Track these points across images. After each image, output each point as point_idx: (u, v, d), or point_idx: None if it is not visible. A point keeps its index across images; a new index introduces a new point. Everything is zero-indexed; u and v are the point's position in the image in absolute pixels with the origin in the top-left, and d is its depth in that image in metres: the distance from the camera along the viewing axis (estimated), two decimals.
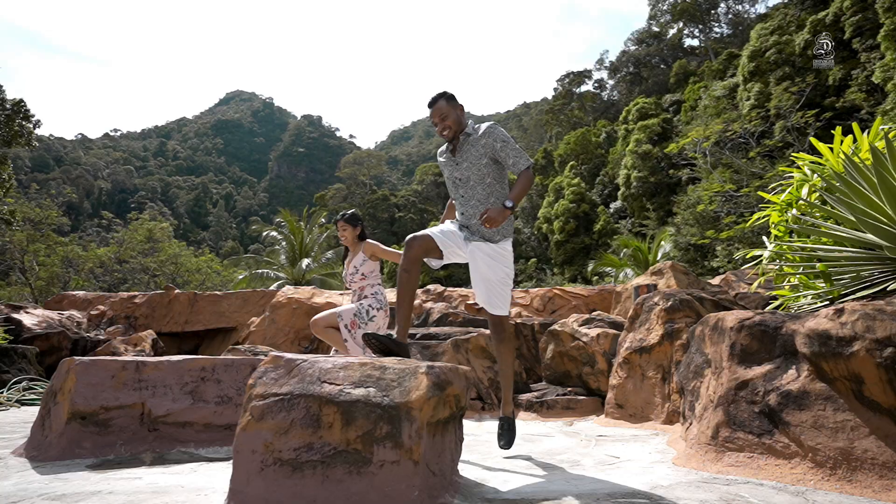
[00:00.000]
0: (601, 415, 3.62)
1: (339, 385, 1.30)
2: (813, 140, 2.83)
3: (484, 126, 2.23)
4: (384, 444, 1.21)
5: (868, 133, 2.64)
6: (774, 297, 2.82)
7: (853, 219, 2.11)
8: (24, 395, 4.74)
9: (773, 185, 2.96)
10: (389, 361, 1.40)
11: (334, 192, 61.14)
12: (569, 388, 4.05)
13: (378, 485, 1.19)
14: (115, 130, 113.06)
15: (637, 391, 3.29)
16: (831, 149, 2.69)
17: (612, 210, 31.61)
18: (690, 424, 2.35)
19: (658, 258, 18.34)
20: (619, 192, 30.18)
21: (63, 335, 7.04)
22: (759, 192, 2.93)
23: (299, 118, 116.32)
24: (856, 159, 2.31)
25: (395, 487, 1.18)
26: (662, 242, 19.20)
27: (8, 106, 11.90)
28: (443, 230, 2.21)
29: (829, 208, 2.40)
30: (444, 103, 2.20)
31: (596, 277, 22.91)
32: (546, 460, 2.24)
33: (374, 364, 1.38)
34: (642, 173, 27.91)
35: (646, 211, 27.84)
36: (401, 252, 2.78)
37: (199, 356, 2.43)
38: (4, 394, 4.61)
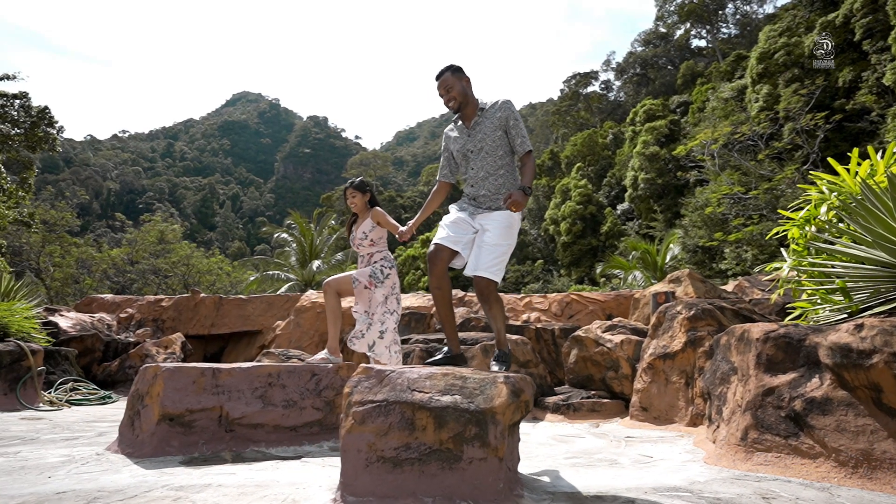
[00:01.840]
0: (625, 417, 3.81)
1: (427, 393, 1.52)
2: (831, 160, 3.02)
3: (500, 100, 2.30)
4: (473, 443, 1.42)
5: (882, 155, 2.82)
6: (792, 308, 3.00)
7: (869, 239, 2.30)
8: (71, 396, 5.00)
9: (791, 204, 3.14)
10: (467, 372, 1.61)
11: (341, 192, 61.44)
12: (592, 392, 4.25)
13: (468, 478, 1.40)
14: (124, 132, 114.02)
15: (661, 395, 3.48)
16: (847, 169, 2.87)
17: (619, 212, 31.69)
18: (718, 427, 2.54)
19: (667, 261, 18.46)
20: (627, 194, 30.26)
21: (96, 337, 7.31)
22: (780, 210, 3.12)
23: (305, 119, 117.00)
24: (871, 182, 2.50)
25: (484, 480, 1.40)
26: (671, 245, 19.30)
27: (33, 113, 12.24)
28: (449, 225, 2.24)
29: (846, 227, 2.59)
30: (449, 75, 2.27)
31: (603, 279, 23.05)
32: (585, 459, 2.44)
33: (454, 374, 1.59)
34: (650, 175, 27.98)
35: (653, 213, 27.92)
36: (398, 225, 2.91)
37: (265, 364, 2.66)
38: (53, 395, 4.87)
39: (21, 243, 18.93)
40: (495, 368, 2.21)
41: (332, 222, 24.17)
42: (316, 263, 20.05)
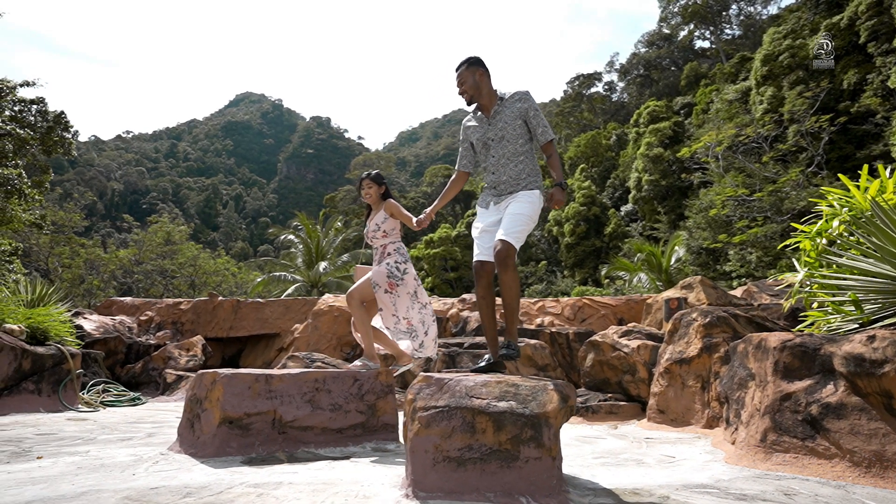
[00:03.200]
0: (642, 419, 3.98)
1: (485, 399, 1.69)
2: (842, 177, 3.18)
3: (519, 91, 2.40)
4: (529, 444, 1.60)
5: (892, 173, 2.98)
6: (805, 316, 3.16)
7: (879, 255, 2.46)
8: (104, 398, 5.19)
9: (804, 218, 3.31)
10: (518, 379, 1.79)
11: (344, 193, 61.82)
12: (609, 395, 4.42)
13: (525, 476, 1.58)
14: (127, 132, 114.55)
15: (678, 398, 3.65)
16: (858, 185, 3.04)
17: (622, 213, 31.83)
18: (736, 429, 2.71)
19: (672, 263, 18.60)
20: (630, 196, 30.39)
21: (119, 340, 7.51)
22: (793, 224, 3.28)
23: (308, 119, 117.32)
24: (880, 200, 2.66)
25: (539, 477, 1.57)
26: (676, 247, 19.42)
27: (49, 118, 12.46)
28: (480, 237, 2.36)
29: (855, 241, 2.76)
30: (464, 69, 2.39)
31: (608, 281, 23.21)
32: (613, 459, 2.61)
33: (507, 382, 1.76)
34: (653, 176, 28.11)
35: (657, 214, 28.05)
36: (411, 216, 2.97)
37: (312, 370, 2.84)
38: (87, 396, 5.05)
39: (30, 244, 19.15)
40: (504, 351, 2.15)
41: (339, 224, 24.39)
42: (322, 265, 20.26)
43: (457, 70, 2.43)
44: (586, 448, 2.99)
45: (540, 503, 1.53)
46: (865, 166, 3.09)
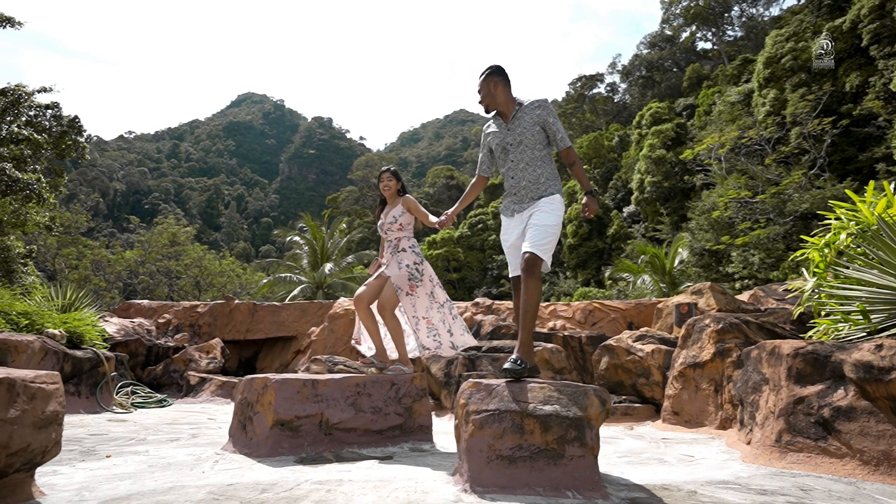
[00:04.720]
0: (657, 420, 4.16)
1: (531, 403, 1.87)
2: (848, 192, 3.36)
3: (537, 99, 2.50)
4: (573, 444, 1.78)
5: None
6: (814, 323, 3.34)
7: (885, 268, 2.64)
8: (134, 399, 5.38)
9: (815, 231, 3.49)
10: (559, 385, 1.97)
11: (346, 194, 62.02)
12: (623, 396, 4.60)
13: (570, 472, 1.76)
14: (129, 132, 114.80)
15: (692, 401, 3.83)
16: (863, 200, 3.22)
17: (625, 214, 31.99)
18: (750, 430, 2.89)
19: (675, 265, 18.77)
20: (633, 197, 30.55)
21: (139, 342, 7.70)
22: (802, 236, 3.47)
23: (310, 120, 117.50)
24: (886, 216, 2.85)
25: (583, 474, 1.75)
26: (679, 249, 19.58)
27: (64, 123, 12.66)
28: (510, 250, 2.51)
29: (860, 252, 2.94)
30: (482, 80, 2.52)
31: (610, 282, 23.39)
32: (636, 458, 2.79)
33: (549, 387, 1.95)
34: (656, 178, 28.26)
35: (659, 216, 28.22)
36: (428, 213, 3.14)
37: (353, 375, 3.02)
38: (119, 398, 5.24)
39: (38, 245, 19.34)
40: (507, 366, 2.04)
41: (343, 225, 24.60)
42: (328, 266, 20.46)
43: (478, 79, 2.57)
44: (608, 448, 3.17)
45: (584, 496, 1.72)
46: (871, 182, 3.27)
